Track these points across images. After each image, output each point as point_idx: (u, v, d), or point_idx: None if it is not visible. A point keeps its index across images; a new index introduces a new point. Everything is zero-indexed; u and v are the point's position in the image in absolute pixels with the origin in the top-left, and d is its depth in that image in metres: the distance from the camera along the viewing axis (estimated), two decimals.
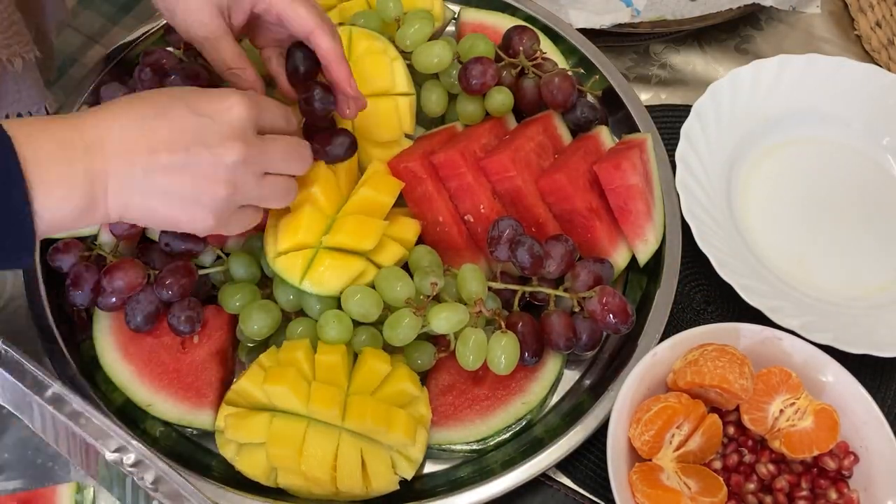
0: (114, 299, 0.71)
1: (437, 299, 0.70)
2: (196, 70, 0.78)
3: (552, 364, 0.74)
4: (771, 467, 0.68)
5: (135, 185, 0.56)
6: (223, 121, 0.58)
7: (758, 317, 0.74)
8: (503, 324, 0.70)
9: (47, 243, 0.74)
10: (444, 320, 0.67)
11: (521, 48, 0.81)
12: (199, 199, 0.58)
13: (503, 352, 0.68)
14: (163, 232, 0.72)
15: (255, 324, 0.70)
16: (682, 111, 0.88)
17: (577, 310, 0.72)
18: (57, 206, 0.54)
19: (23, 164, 0.52)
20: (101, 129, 0.56)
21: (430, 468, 0.72)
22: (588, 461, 0.73)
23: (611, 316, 0.70)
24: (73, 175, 0.54)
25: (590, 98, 0.85)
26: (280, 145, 0.62)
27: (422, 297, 0.69)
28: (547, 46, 0.87)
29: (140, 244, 0.75)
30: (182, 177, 0.57)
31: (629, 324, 0.71)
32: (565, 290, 0.72)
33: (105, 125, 0.56)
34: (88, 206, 0.55)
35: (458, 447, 0.72)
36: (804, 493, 0.68)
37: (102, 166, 0.55)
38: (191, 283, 0.71)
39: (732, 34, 0.99)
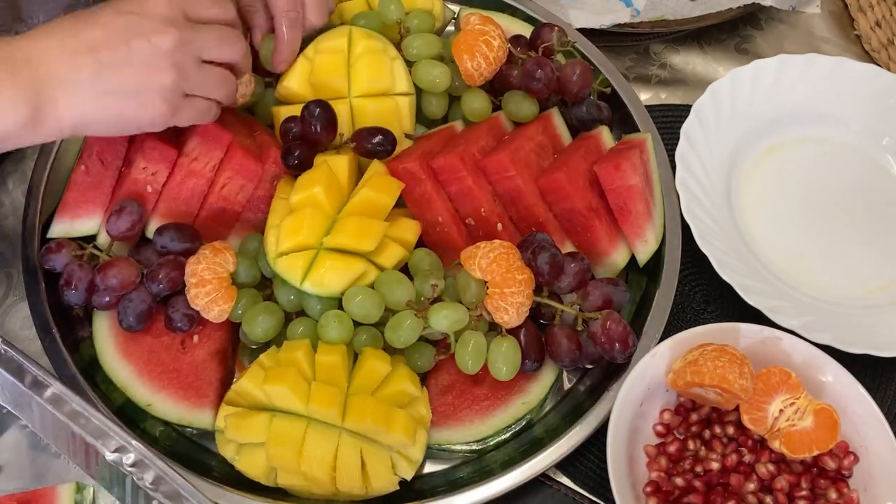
0: (107, 298, 0.71)
1: (438, 301, 0.70)
2: None
3: (552, 365, 0.74)
4: (771, 467, 0.68)
5: (83, 89, 0.60)
6: (152, 14, 0.63)
7: (758, 317, 0.74)
8: (504, 328, 0.70)
9: (42, 243, 0.74)
10: (444, 318, 0.67)
11: (550, 41, 0.82)
12: (148, 89, 0.62)
13: (504, 357, 0.68)
14: (157, 234, 0.72)
15: (260, 327, 0.70)
16: (682, 111, 0.88)
17: (580, 328, 0.72)
18: (2, 116, 0.57)
19: None
20: (40, 43, 0.60)
21: (429, 468, 0.72)
22: (588, 461, 0.73)
23: (609, 343, 0.70)
24: (17, 85, 0.58)
25: (594, 98, 0.85)
26: (212, 32, 0.66)
27: (423, 298, 0.69)
28: None
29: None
30: (127, 71, 0.61)
31: (628, 354, 0.71)
32: (572, 307, 0.72)
33: (43, 40, 0.60)
34: (36, 115, 0.59)
35: (458, 447, 0.72)
36: (804, 493, 0.68)
37: (48, 74, 0.59)
38: (181, 277, 0.71)
39: (732, 34, 0.99)
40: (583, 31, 0.91)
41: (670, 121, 0.91)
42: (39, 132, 0.60)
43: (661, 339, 0.72)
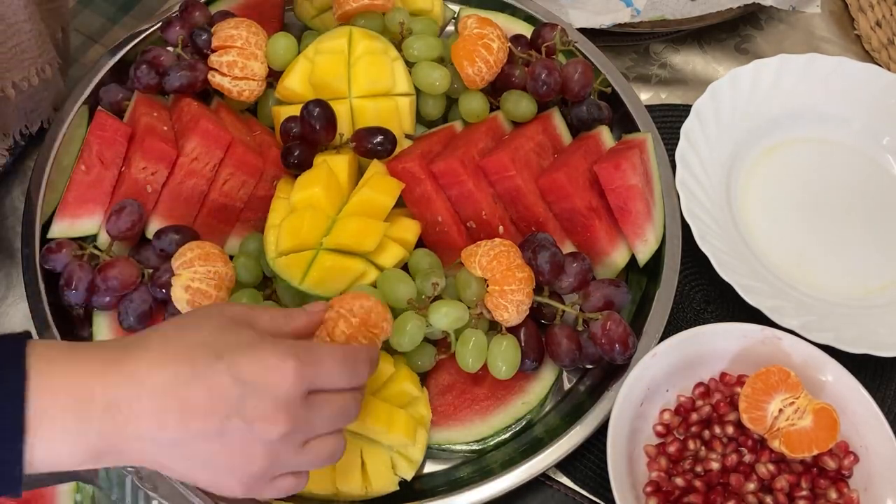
0: (108, 298, 0.71)
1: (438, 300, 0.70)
2: (193, 65, 0.78)
3: (552, 364, 0.74)
4: (771, 467, 0.68)
5: (161, 451, 0.51)
6: (269, 394, 0.51)
7: (758, 317, 0.74)
8: (504, 327, 0.70)
9: (42, 243, 0.74)
10: (443, 316, 0.67)
11: (551, 39, 0.82)
12: (231, 471, 0.52)
13: (503, 356, 0.68)
14: (156, 237, 0.72)
15: None
16: (682, 111, 0.88)
17: (580, 328, 0.72)
18: (55, 459, 0.50)
19: (29, 414, 0.48)
20: (129, 387, 0.50)
21: (429, 468, 0.72)
22: (588, 461, 0.73)
23: (609, 344, 0.70)
24: (83, 433, 0.49)
25: (595, 99, 0.85)
26: (329, 410, 0.54)
27: (423, 297, 0.69)
28: None
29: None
30: (214, 446, 0.51)
31: (628, 356, 0.71)
32: (573, 307, 0.72)
33: (134, 381, 0.50)
34: (95, 459, 0.51)
35: (458, 447, 0.72)
36: (804, 493, 0.67)
37: (123, 427, 0.50)
38: None
39: (732, 34, 0.99)
40: (583, 30, 0.91)
41: (670, 121, 0.91)
42: (91, 465, 0.51)
43: (661, 339, 0.72)
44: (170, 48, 0.83)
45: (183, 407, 0.50)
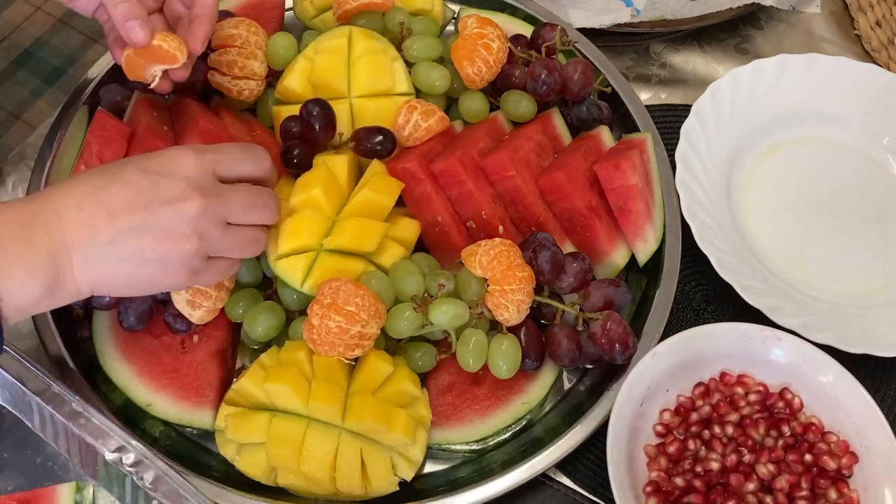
0: (108, 298, 0.71)
1: None
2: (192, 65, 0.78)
3: (552, 364, 0.74)
4: (771, 467, 0.68)
5: (101, 255, 0.57)
6: (177, 175, 0.59)
7: (758, 317, 0.74)
8: (505, 327, 0.70)
9: None
10: (443, 313, 0.67)
11: (551, 40, 0.82)
12: (169, 257, 0.58)
13: (504, 355, 0.68)
14: None
15: (261, 326, 0.70)
16: (682, 111, 0.88)
17: (580, 328, 0.72)
18: (21, 288, 0.54)
19: None
20: (57, 205, 0.56)
21: (429, 468, 0.72)
22: (588, 461, 0.73)
23: (609, 344, 0.70)
24: (34, 254, 0.54)
25: (595, 99, 0.85)
26: (240, 195, 0.62)
27: (426, 295, 0.69)
28: None
29: None
30: (146, 238, 0.57)
31: (628, 355, 0.71)
32: (573, 307, 0.72)
33: (59, 201, 0.56)
34: (55, 284, 0.56)
35: (458, 447, 0.72)
36: (804, 493, 0.67)
37: (63, 241, 0.55)
38: None
39: (732, 34, 0.99)
40: (583, 30, 0.91)
41: (670, 121, 0.91)
42: (57, 299, 0.57)
43: (661, 339, 0.72)
44: None
45: (107, 207, 0.57)
